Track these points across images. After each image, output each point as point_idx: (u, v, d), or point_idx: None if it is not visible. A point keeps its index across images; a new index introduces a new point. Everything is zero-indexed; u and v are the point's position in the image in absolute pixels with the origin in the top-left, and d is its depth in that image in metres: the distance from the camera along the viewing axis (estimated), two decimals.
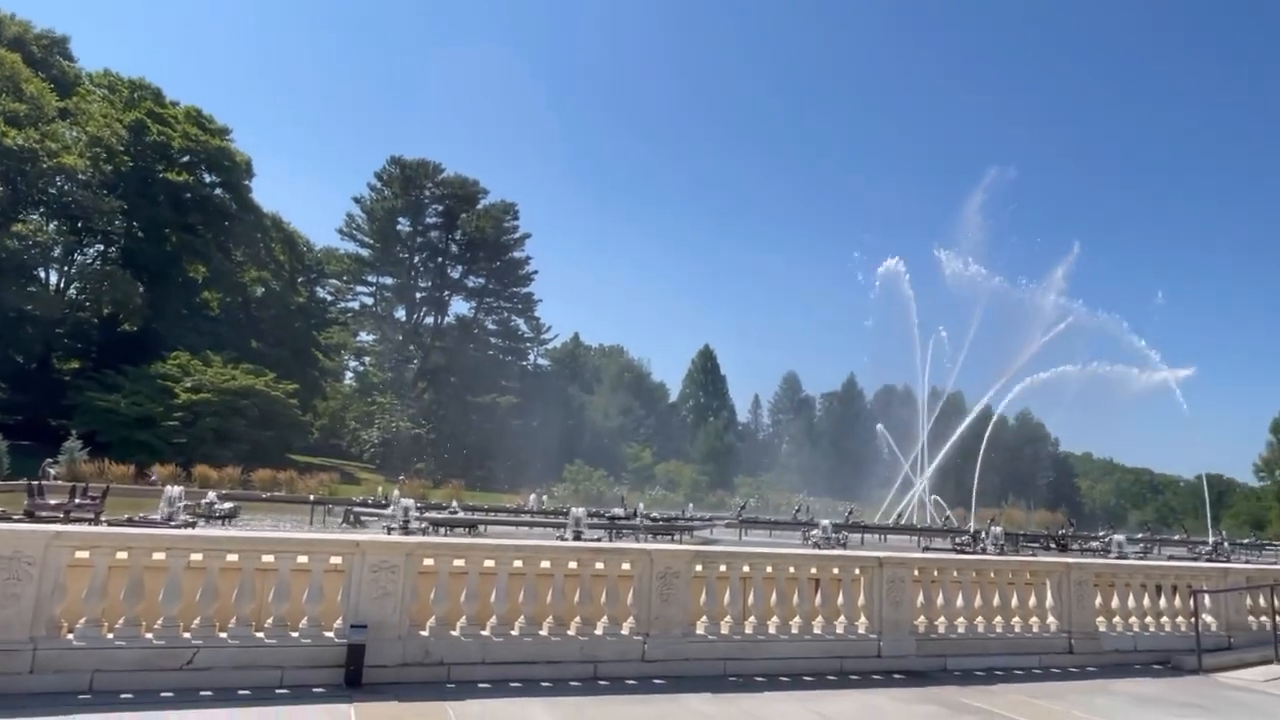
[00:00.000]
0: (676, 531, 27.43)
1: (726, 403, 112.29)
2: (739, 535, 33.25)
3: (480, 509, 33.25)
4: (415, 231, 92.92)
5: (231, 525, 21.84)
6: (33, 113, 55.47)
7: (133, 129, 62.50)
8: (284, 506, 33.90)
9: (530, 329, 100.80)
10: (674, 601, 9.84)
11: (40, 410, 54.69)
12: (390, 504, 24.64)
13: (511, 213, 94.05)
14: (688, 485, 75.42)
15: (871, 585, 11.03)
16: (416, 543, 9.61)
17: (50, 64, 64.76)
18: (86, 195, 57.24)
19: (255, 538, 9.49)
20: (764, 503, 65.47)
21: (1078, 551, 31.21)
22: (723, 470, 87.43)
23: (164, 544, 8.61)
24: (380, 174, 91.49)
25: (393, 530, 19.93)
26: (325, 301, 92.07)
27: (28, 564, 7.74)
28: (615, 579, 9.93)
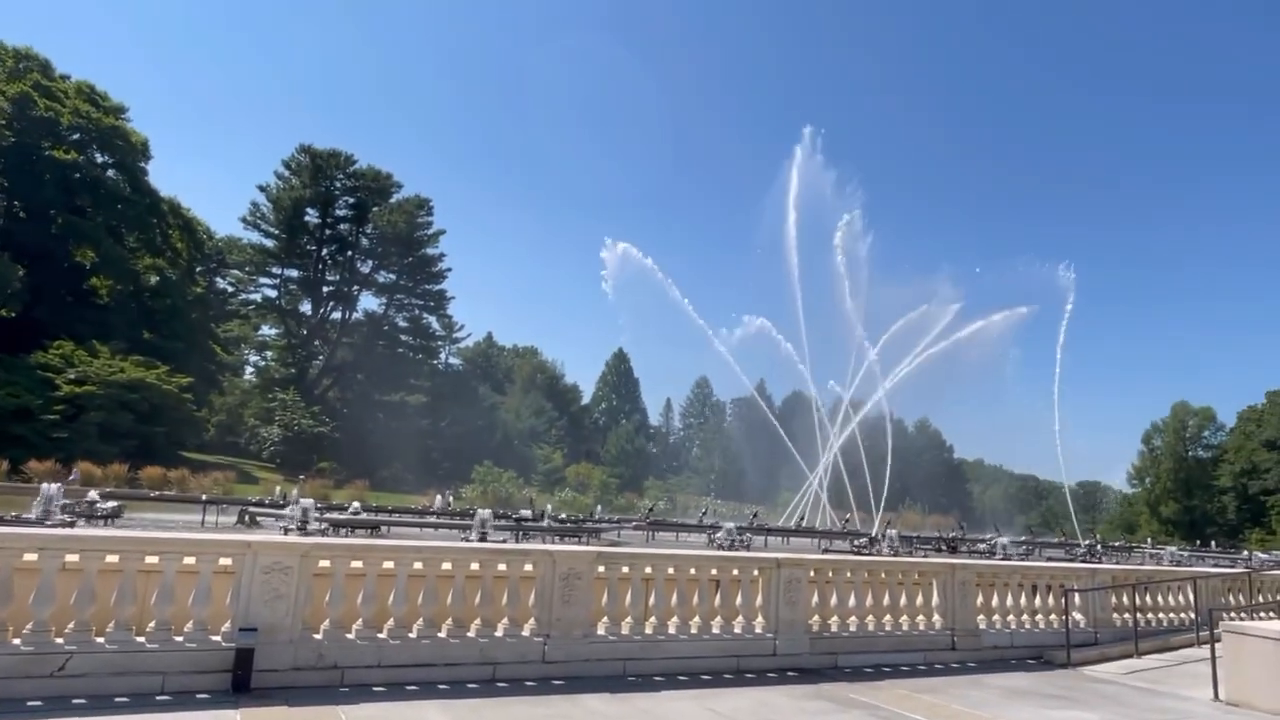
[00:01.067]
0: (584, 534, 27.48)
1: (639, 406, 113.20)
2: (647, 537, 33.51)
3: (384, 510, 32.46)
4: (324, 224, 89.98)
5: (114, 525, 20.70)
6: None
7: (16, 102, 58.45)
8: (174, 506, 32.27)
9: (442, 327, 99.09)
10: (576, 603, 9.92)
11: None
12: (289, 504, 23.81)
13: (425, 208, 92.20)
14: (598, 487, 75.56)
15: (769, 586, 11.37)
16: (312, 544, 9.39)
17: None
18: None
19: (138, 538, 9.08)
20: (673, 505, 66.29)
21: (966, 553, 32.79)
22: (633, 473, 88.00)
23: (36, 544, 8.15)
24: (289, 162, 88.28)
25: (290, 531, 19.29)
26: (225, 293, 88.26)
27: None
28: (518, 580, 9.94)
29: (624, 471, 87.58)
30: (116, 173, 67.05)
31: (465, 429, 79.83)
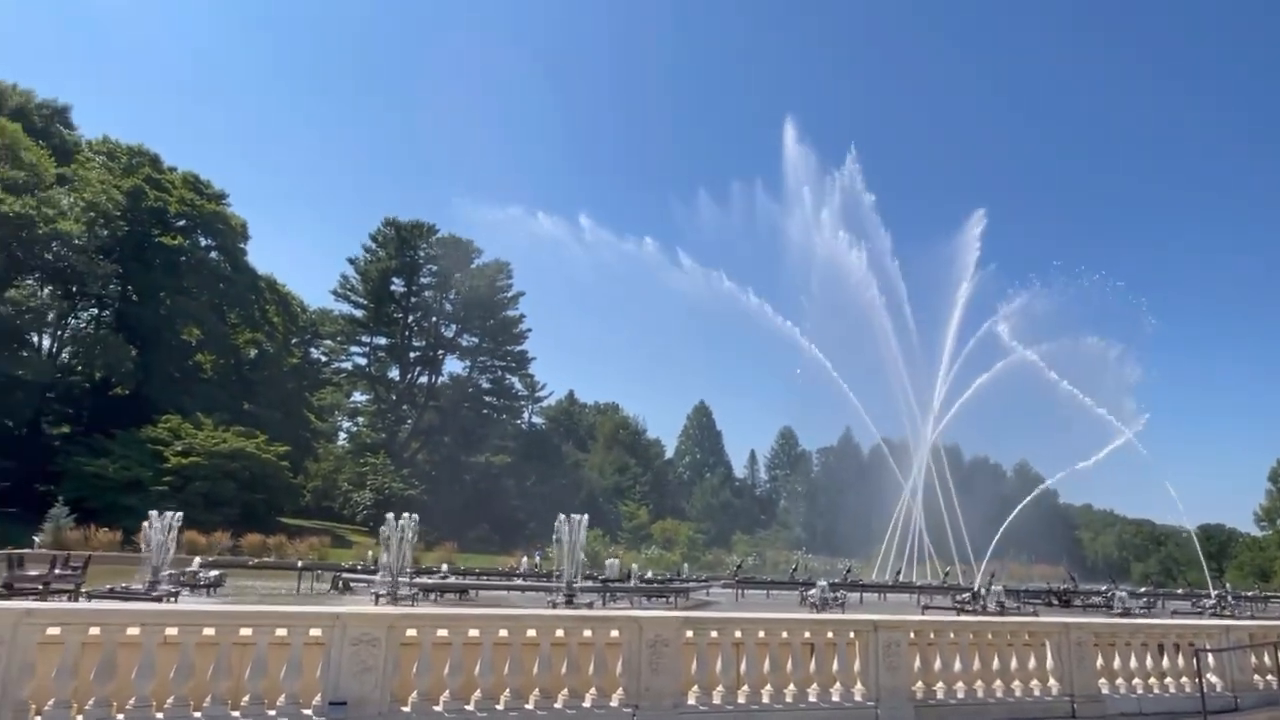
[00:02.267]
0: (671, 593, 26.91)
1: (723, 459, 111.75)
2: (736, 596, 32.62)
3: (472, 572, 32.70)
4: (409, 292, 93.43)
5: (216, 594, 21.39)
6: (31, 180, 56.19)
7: (130, 194, 63.23)
8: (272, 572, 33.28)
9: (524, 387, 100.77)
10: (664, 671, 9.59)
11: (28, 476, 54.04)
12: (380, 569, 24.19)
13: (505, 272, 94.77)
14: (684, 544, 74.48)
15: (867, 649, 10.79)
16: (398, 614, 9.40)
17: (51, 132, 65.90)
18: (82, 260, 57.64)
19: (233, 611, 9.25)
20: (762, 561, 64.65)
21: (1080, 608, 30.75)
22: (720, 528, 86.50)
23: (138, 619, 8.39)
24: (375, 235, 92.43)
25: (381, 598, 19.52)
26: (319, 362, 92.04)
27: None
28: (603, 647, 9.69)
29: (710, 527, 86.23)
30: (219, 254, 71.46)
31: (550, 488, 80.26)
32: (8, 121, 58.05)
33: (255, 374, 74.05)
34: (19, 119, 60.77)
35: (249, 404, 70.27)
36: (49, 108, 68.34)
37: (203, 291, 68.94)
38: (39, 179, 57.19)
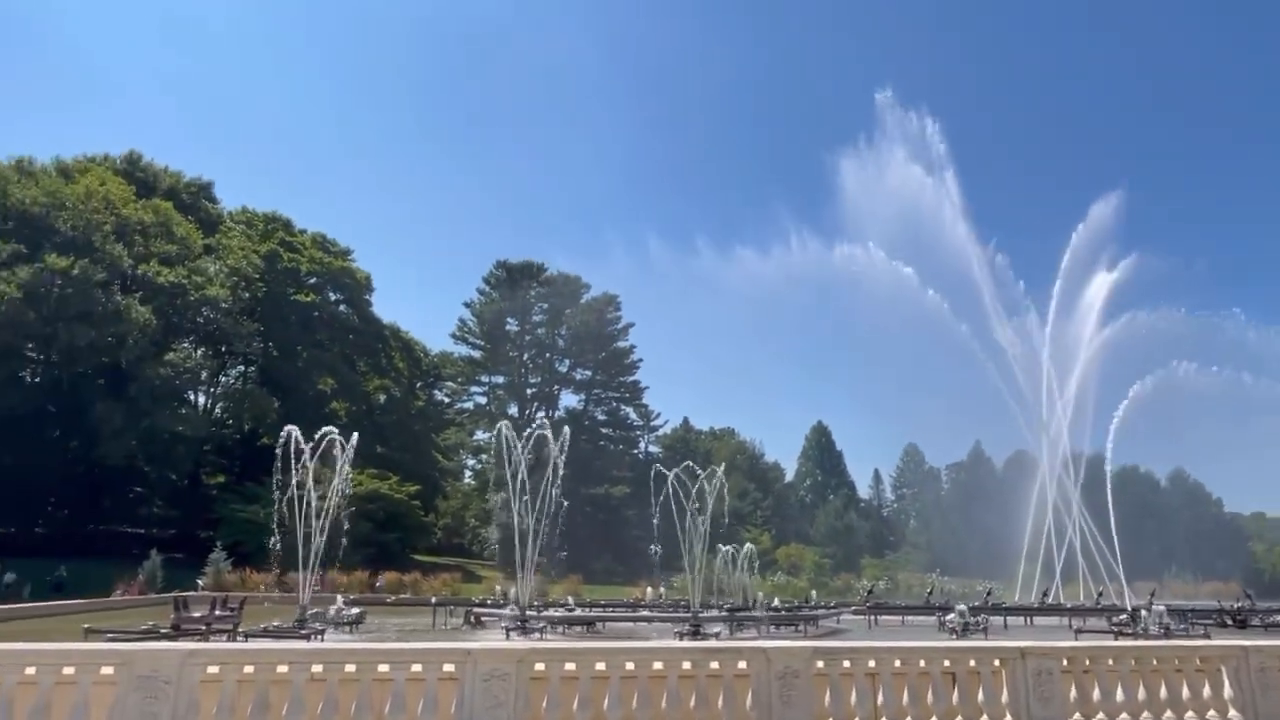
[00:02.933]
0: (800, 621, 26.21)
1: (845, 480, 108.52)
2: (869, 622, 31.39)
3: (598, 604, 32.91)
4: (523, 330, 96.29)
5: (358, 631, 22.36)
6: (182, 252, 61.50)
7: (267, 258, 68.26)
8: (408, 609, 34.58)
9: (639, 417, 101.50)
10: (795, 704, 9.26)
11: (190, 524, 58.57)
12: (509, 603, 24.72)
13: (614, 304, 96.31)
14: (810, 569, 72.56)
15: (1015, 679, 10.08)
16: (527, 649, 9.50)
17: (198, 207, 72.09)
18: (228, 322, 62.42)
19: (371, 649, 9.59)
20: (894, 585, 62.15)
21: (1260, 628, 27.93)
22: (847, 552, 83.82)
23: (287, 659, 8.82)
24: (487, 278, 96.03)
25: (512, 632, 19.90)
26: (442, 404, 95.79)
27: (165, 683, 8.07)
28: (731, 679, 9.45)
29: (836, 551, 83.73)
30: (347, 307, 75.93)
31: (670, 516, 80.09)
32: (161, 201, 63.92)
33: (385, 418, 77.78)
34: (170, 198, 66.85)
35: (381, 447, 73.80)
36: (195, 185, 74.81)
37: (334, 343, 73.27)
38: (189, 250, 62.54)
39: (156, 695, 7.98)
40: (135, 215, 59.17)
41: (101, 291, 53.42)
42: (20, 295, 50.32)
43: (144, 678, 7.99)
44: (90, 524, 61.22)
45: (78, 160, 65.62)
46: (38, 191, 56.64)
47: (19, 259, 52.37)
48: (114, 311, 53.45)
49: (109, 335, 54.23)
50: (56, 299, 52.66)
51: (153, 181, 69.52)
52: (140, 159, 70.82)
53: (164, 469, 62.41)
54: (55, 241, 53.99)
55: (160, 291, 57.99)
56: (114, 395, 54.82)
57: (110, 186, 60.13)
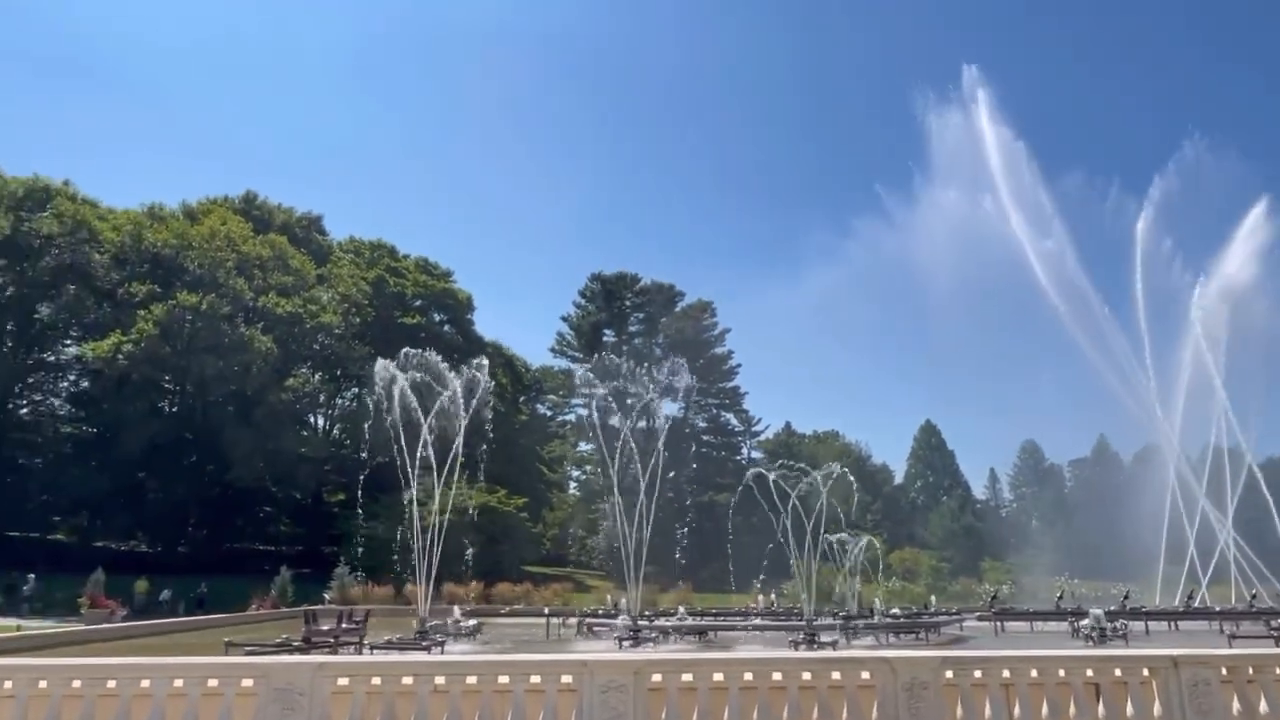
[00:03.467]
0: (920, 629, 25.21)
1: (959, 480, 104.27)
2: (994, 629, 29.91)
3: (709, 613, 32.64)
4: (620, 341, 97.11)
5: (476, 641, 22.87)
6: (297, 283, 64.97)
7: (374, 284, 71.34)
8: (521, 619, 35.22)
9: (740, 423, 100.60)
10: (924, 716, 8.83)
11: (315, 540, 61.57)
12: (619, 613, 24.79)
13: (709, 310, 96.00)
14: (927, 574, 69.96)
15: (1167, 690, 9.31)
16: (644, 660, 9.42)
17: (309, 239, 76.10)
18: (341, 346, 65.49)
19: (491, 660, 9.73)
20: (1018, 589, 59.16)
21: None
22: (964, 555, 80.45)
23: (412, 670, 9.04)
24: (583, 291, 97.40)
25: (624, 642, 19.91)
26: (545, 417, 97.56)
27: (299, 695, 8.40)
28: (855, 690, 9.10)
29: (954, 554, 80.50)
30: (451, 327, 78.42)
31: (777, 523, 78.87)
32: (276, 236, 67.78)
33: (491, 433, 79.76)
34: (284, 232, 70.82)
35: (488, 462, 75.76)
36: (306, 219, 79.04)
37: (440, 363, 75.73)
38: (303, 281, 66.02)
39: (293, 706, 8.31)
40: (254, 251, 62.92)
41: (227, 324, 57.02)
42: (157, 332, 54.24)
43: (280, 690, 8.34)
44: (226, 542, 65.28)
45: (201, 202, 70.46)
46: (168, 234, 61.05)
47: (154, 298, 56.50)
48: (239, 342, 56.91)
49: (235, 365, 57.77)
50: (188, 333, 56.54)
51: (268, 218, 73.85)
52: (256, 197, 75.41)
53: (289, 489, 65.84)
54: (184, 280, 58.00)
55: (279, 321, 61.39)
56: (242, 421, 58.30)
57: (231, 225, 64.17)
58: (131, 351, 53.29)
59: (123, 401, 55.51)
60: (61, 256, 58.49)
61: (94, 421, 59.65)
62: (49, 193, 62.32)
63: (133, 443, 54.39)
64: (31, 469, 58.15)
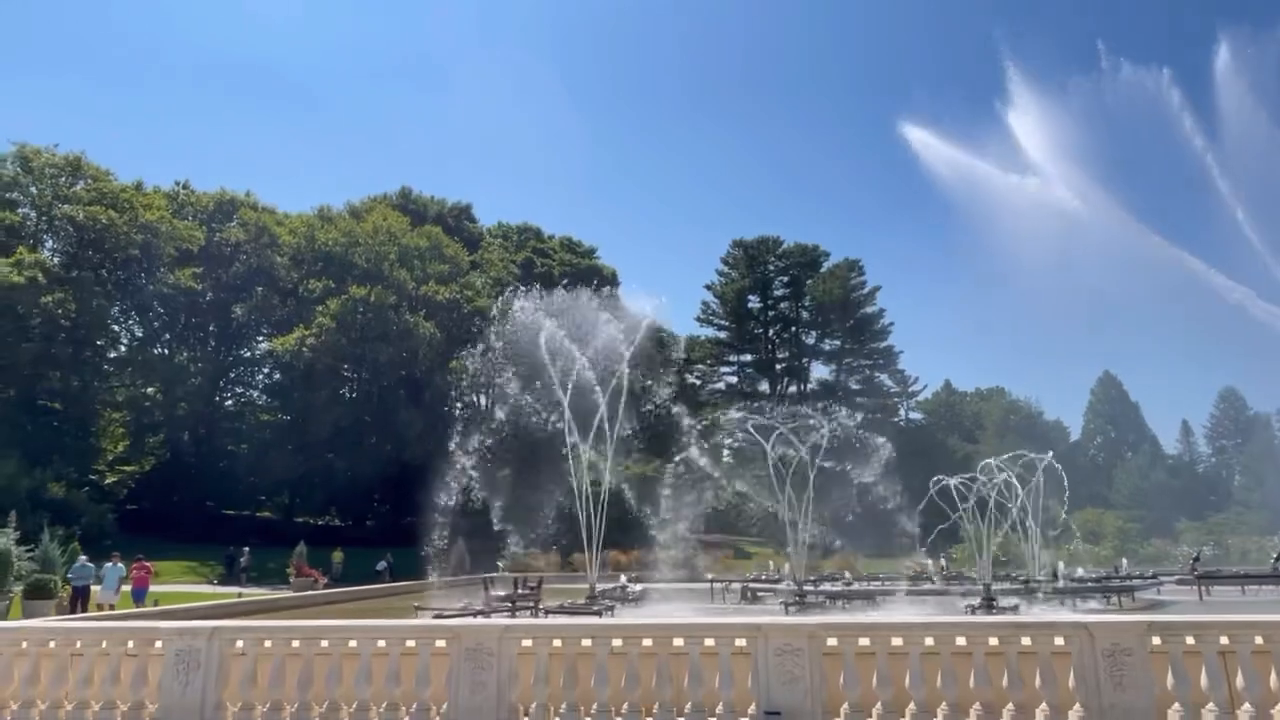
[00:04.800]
0: (1111, 593, 23.48)
1: (1145, 434, 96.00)
2: (1199, 594, 27.39)
3: (875, 578, 31.87)
4: (765, 306, 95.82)
5: (643, 606, 23.43)
6: (453, 270, 68.32)
7: (523, 265, 73.98)
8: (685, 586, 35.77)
9: (895, 383, 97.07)
10: (1131, 685, 8.19)
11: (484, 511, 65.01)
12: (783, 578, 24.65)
13: (857, 269, 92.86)
14: (1113, 535, 65.13)
15: None
16: (818, 623, 9.28)
17: (461, 228, 79.70)
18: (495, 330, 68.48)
19: (666, 624, 9.92)
20: (1223, 550, 53.96)
21: None
22: (1156, 515, 74.11)
23: (590, 632, 9.35)
24: (725, 258, 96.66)
25: (790, 607, 19.78)
26: (694, 386, 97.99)
27: (488, 655, 8.90)
28: (1048, 657, 8.57)
29: (1144, 514, 74.37)
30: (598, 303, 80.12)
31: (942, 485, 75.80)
32: (431, 227, 71.49)
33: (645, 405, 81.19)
34: (438, 223, 74.58)
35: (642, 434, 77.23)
36: (457, 209, 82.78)
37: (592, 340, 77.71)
38: (458, 268, 69.35)
39: (483, 665, 8.82)
40: (413, 243, 66.70)
41: (393, 313, 60.90)
42: (334, 325, 58.77)
43: (471, 650, 8.86)
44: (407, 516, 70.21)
45: (363, 201, 75.35)
46: (337, 234, 65.82)
47: (329, 293, 61.19)
48: (406, 330, 60.69)
49: (404, 351, 61.73)
50: (360, 324, 60.88)
51: (422, 211, 77.97)
52: (411, 192, 79.75)
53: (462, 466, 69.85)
54: (354, 274, 62.38)
55: (439, 308, 64.89)
56: (413, 403, 62.31)
57: (390, 220, 68.28)
58: (314, 344, 58.06)
59: (310, 390, 60.64)
60: (249, 261, 64.46)
61: (287, 409, 65.58)
62: (234, 204, 68.72)
63: (321, 427, 59.39)
64: (239, 454, 64.78)
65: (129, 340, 66.98)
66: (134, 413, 61.30)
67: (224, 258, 64.70)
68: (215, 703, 9.06)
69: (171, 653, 9.20)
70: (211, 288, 64.96)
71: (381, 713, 8.87)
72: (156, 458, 63.84)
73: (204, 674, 9.10)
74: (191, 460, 65.01)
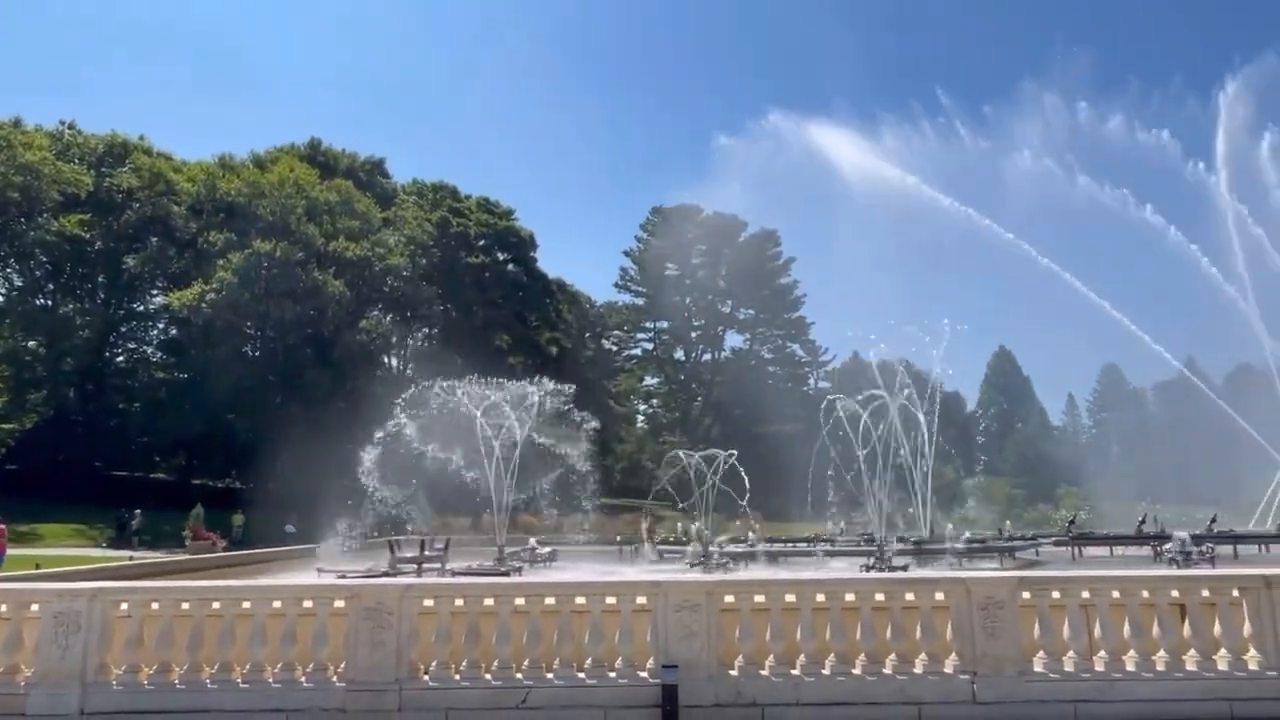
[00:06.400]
0: (994, 553, 25.01)
1: (1034, 406, 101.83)
2: (1072, 554, 29.46)
3: (779, 540, 32.93)
4: (683, 274, 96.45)
5: (551, 568, 23.63)
6: (364, 226, 66.05)
7: (438, 225, 72.12)
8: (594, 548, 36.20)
9: (806, 353, 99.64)
10: (1001, 635, 8.79)
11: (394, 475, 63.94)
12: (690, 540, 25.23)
13: (773, 240, 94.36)
14: (1002, 501, 69.08)
15: (1259, 611, 9.03)
16: (716, 580, 9.60)
17: (374, 183, 76.96)
18: (410, 288, 66.75)
19: (568, 582, 10.06)
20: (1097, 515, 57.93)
21: None
22: (1040, 481, 79.03)
23: (493, 591, 9.41)
24: (645, 225, 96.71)
25: (695, 566, 20.30)
26: (611, 352, 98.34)
27: (388, 614, 8.85)
28: (930, 611, 9.11)
29: (1029, 481, 79.22)
30: (514, 265, 79.00)
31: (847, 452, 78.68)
32: (341, 181, 68.79)
33: (558, 369, 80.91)
34: (349, 177, 71.79)
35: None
36: (369, 163, 79.82)
37: (506, 301, 76.67)
38: (370, 224, 67.08)
39: (383, 625, 8.77)
40: (322, 196, 64.07)
41: (300, 269, 58.57)
42: (235, 279, 56.15)
43: (370, 609, 8.79)
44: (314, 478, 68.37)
45: (269, 151, 71.78)
46: (240, 184, 62.58)
47: (231, 246, 58.34)
48: (313, 287, 58.50)
49: (311, 309, 59.55)
50: (265, 280, 58.37)
51: (333, 164, 74.85)
52: (320, 144, 76.37)
53: (369, 426, 68.27)
54: (258, 227, 59.57)
55: (349, 265, 62.77)
56: (321, 363, 60.37)
57: (298, 172, 65.33)
58: (214, 299, 55.38)
59: (209, 347, 57.97)
60: (142, 209, 60.69)
61: (184, 367, 62.54)
62: (126, 148, 64.44)
63: (221, 386, 56.95)
64: (131, 413, 61.53)
65: (7, 290, 62.52)
66: (13, 367, 57.38)
67: (115, 205, 60.74)
68: (98, 665, 8.74)
69: (49, 615, 8.80)
70: (101, 236, 61.01)
71: (276, 673, 8.74)
72: (39, 415, 60.06)
73: (85, 637, 8.74)
74: (79, 419, 61.45)
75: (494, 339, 76.21)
